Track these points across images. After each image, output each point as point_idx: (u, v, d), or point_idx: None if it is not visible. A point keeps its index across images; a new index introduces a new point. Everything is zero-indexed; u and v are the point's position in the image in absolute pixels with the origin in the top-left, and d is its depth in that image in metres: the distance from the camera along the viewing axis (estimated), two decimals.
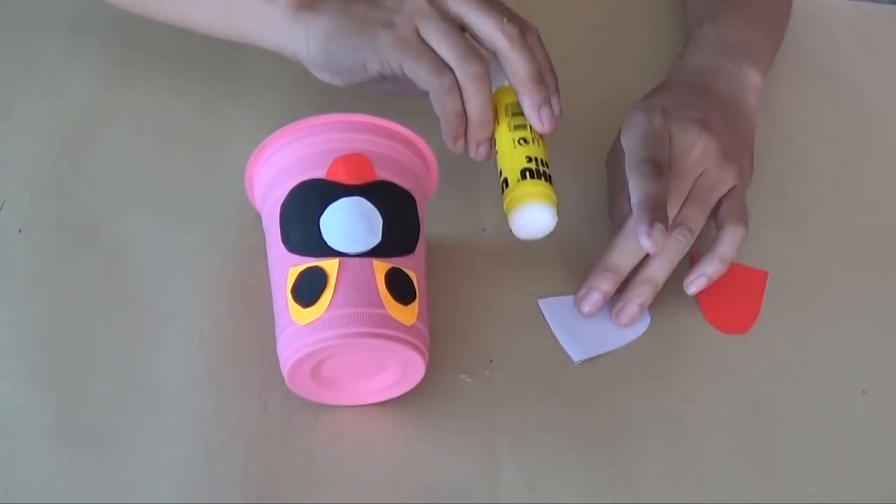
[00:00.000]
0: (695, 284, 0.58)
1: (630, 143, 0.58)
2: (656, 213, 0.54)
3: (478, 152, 0.58)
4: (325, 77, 0.59)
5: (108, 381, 0.53)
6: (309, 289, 0.49)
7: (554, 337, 0.57)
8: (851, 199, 0.68)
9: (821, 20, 0.85)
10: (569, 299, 0.58)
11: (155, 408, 0.52)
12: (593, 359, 0.56)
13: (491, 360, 0.55)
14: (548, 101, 0.57)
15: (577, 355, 0.56)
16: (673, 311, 0.59)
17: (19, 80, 0.70)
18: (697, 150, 0.58)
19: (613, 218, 0.61)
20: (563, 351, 0.56)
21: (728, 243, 0.57)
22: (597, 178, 0.64)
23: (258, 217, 0.56)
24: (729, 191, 0.59)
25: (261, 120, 0.68)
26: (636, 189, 0.55)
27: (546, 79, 0.57)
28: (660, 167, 0.56)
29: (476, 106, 0.55)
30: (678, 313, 0.59)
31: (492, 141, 0.58)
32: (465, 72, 0.54)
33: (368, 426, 0.52)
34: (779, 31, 0.75)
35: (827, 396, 0.56)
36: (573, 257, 0.61)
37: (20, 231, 0.60)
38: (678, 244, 0.57)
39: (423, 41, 0.55)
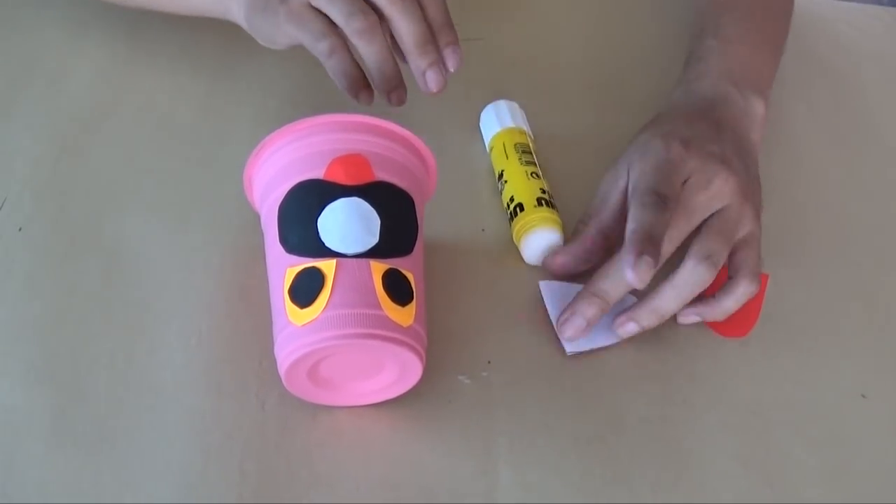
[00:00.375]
0: (688, 319, 0.57)
1: (640, 169, 0.56)
2: (647, 245, 0.51)
3: (390, 99, 0.60)
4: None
5: (107, 381, 0.53)
6: (306, 289, 0.48)
7: (553, 337, 0.57)
8: (853, 199, 0.68)
9: (824, 21, 0.85)
10: (571, 287, 0.58)
11: (153, 407, 0.52)
12: (584, 353, 0.56)
13: (489, 362, 0.55)
14: (434, 64, 0.59)
15: (569, 347, 0.56)
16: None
17: (19, 80, 0.70)
18: (715, 187, 0.56)
19: (573, 233, 0.60)
20: (562, 351, 0.56)
21: (735, 298, 0.56)
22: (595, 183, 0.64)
23: (257, 217, 0.56)
24: (745, 236, 0.57)
25: (260, 120, 0.68)
26: (634, 218, 0.53)
27: (438, 36, 0.59)
28: (665, 200, 0.54)
29: (371, 60, 0.58)
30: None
31: (404, 88, 0.60)
32: (351, 29, 0.57)
33: (366, 427, 0.52)
34: (780, 46, 0.73)
35: (826, 400, 0.55)
36: None
37: (20, 230, 0.60)
38: (699, 278, 0.54)
39: (314, 10, 0.58)
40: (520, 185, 0.61)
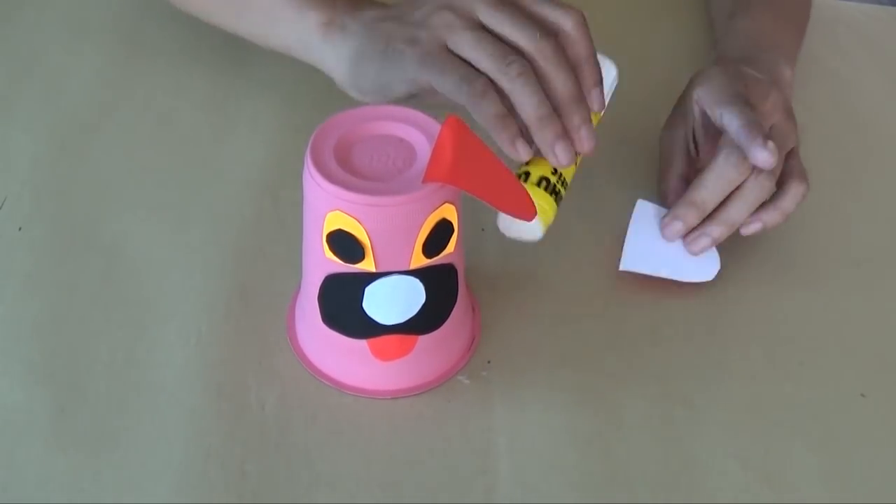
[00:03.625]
0: (750, 228, 0.59)
1: (710, 90, 0.60)
2: (762, 131, 0.55)
3: (556, 154, 0.53)
4: (357, 96, 0.58)
5: (107, 381, 0.53)
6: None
7: (553, 337, 0.57)
8: (852, 200, 0.68)
9: (823, 21, 0.85)
10: (665, 212, 0.60)
11: (153, 407, 0.52)
12: (635, 274, 0.59)
13: (489, 362, 0.55)
14: (561, 136, 0.52)
15: (626, 264, 0.59)
16: (671, 313, 0.59)
17: (19, 80, 0.70)
18: (771, 100, 0.60)
19: (662, 192, 0.63)
20: (561, 351, 0.56)
21: (792, 198, 0.59)
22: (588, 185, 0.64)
23: (256, 217, 0.56)
24: (793, 148, 0.61)
25: (260, 120, 0.68)
26: (737, 115, 0.57)
27: (573, 104, 0.53)
28: (749, 104, 0.58)
29: (529, 106, 0.51)
30: (677, 314, 0.59)
31: (568, 140, 0.53)
32: (505, 75, 0.51)
33: (365, 426, 0.52)
34: (804, 25, 0.76)
35: (826, 399, 0.55)
36: (573, 257, 0.61)
37: (20, 230, 0.60)
38: (762, 189, 0.58)
39: (451, 53, 0.53)
40: (538, 160, 0.56)
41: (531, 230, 0.55)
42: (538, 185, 0.54)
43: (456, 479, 0.50)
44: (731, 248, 0.63)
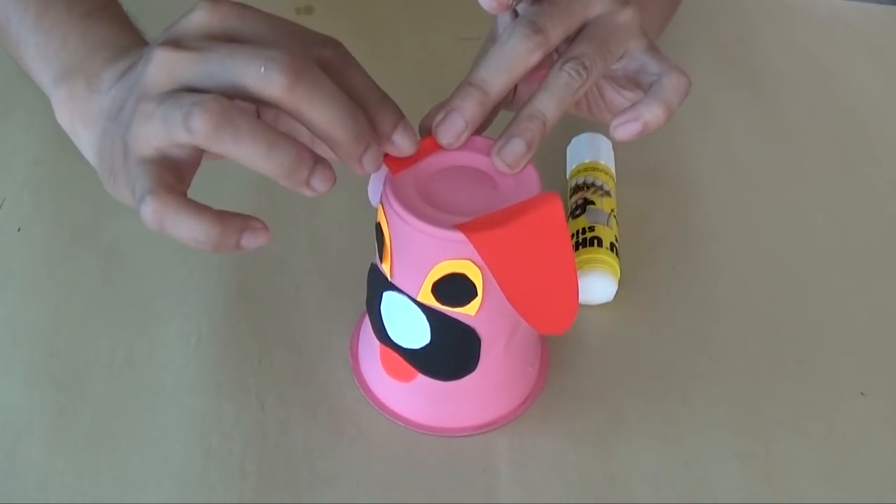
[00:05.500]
0: (626, 129, 0.48)
1: None
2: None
3: (364, 164, 0.43)
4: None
5: (106, 381, 0.53)
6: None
7: (553, 337, 0.57)
8: (851, 199, 0.68)
9: (821, 20, 0.85)
10: None
11: (153, 407, 0.52)
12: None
13: None
14: (322, 167, 0.42)
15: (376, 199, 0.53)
16: (671, 311, 0.59)
17: (19, 80, 0.70)
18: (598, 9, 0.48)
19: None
20: (561, 351, 0.56)
21: (671, 88, 0.48)
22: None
23: (256, 216, 0.56)
24: (645, 50, 0.49)
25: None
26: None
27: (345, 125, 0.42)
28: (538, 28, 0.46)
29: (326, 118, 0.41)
30: (676, 313, 0.59)
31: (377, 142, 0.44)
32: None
33: (365, 426, 0.52)
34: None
35: (826, 398, 0.55)
36: None
37: (19, 230, 0.60)
38: (570, 81, 0.46)
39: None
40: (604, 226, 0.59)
41: (605, 294, 0.58)
42: (610, 249, 0.58)
43: (456, 479, 0.50)
44: (730, 247, 0.64)
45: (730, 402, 0.55)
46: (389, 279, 0.47)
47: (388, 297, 0.48)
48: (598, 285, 0.57)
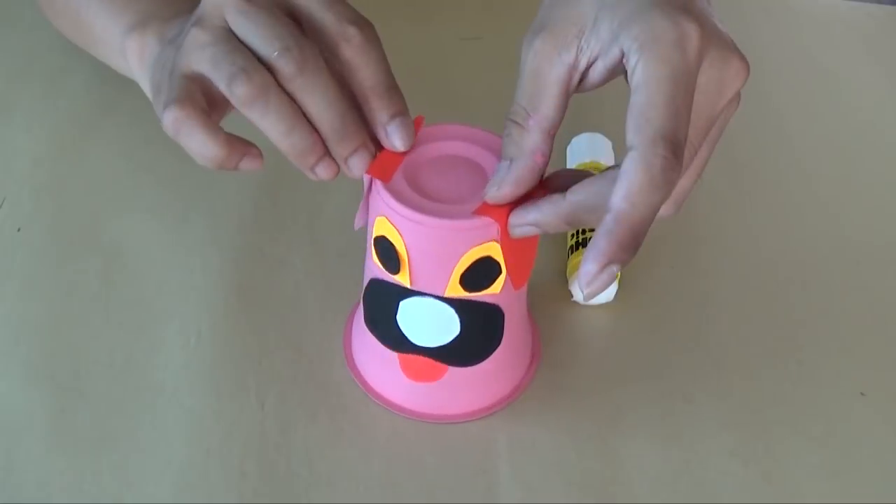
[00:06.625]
0: (598, 283, 0.40)
1: (648, 69, 0.38)
2: (627, 248, 0.38)
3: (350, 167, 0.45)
4: None
5: (106, 381, 0.53)
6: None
7: (553, 337, 0.57)
8: (851, 199, 0.68)
9: (821, 20, 0.85)
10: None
11: (152, 407, 0.52)
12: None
13: None
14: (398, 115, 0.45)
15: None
16: (671, 311, 0.59)
17: (19, 80, 0.70)
18: (731, 93, 0.41)
19: (509, 130, 0.44)
20: (561, 351, 0.56)
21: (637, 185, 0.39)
22: None
23: (256, 216, 0.56)
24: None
25: None
26: (628, 186, 0.37)
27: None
28: (680, 153, 0.37)
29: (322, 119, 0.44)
30: (676, 313, 0.59)
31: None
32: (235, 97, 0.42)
33: (365, 426, 0.52)
34: None
35: (825, 398, 0.55)
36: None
37: (19, 230, 0.60)
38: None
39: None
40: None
41: (605, 294, 0.58)
42: None
43: (456, 478, 0.50)
44: (730, 247, 0.64)
45: (730, 401, 0.55)
46: (409, 287, 0.47)
47: (407, 304, 0.48)
48: None
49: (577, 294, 0.58)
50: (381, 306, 0.49)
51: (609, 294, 0.58)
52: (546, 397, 0.54)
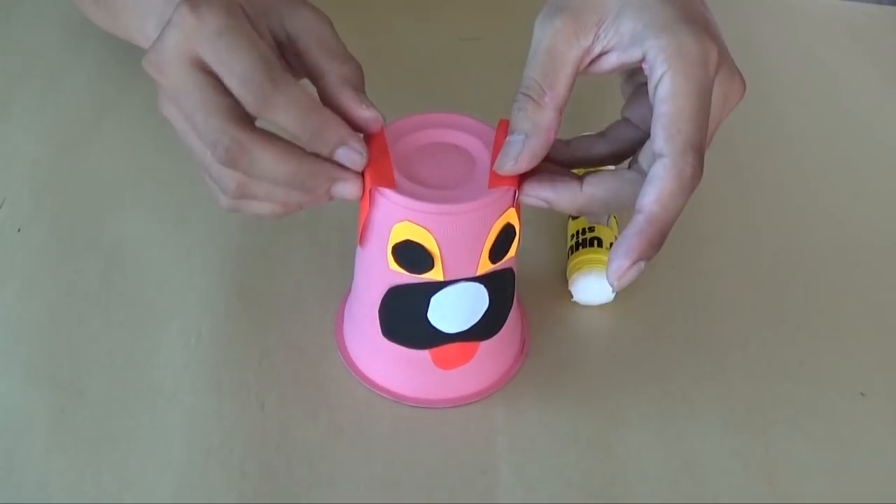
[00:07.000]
0: (628, 278, 0.43)
1: (676, 84, 0.42)
2: (655, 245, 0.42)
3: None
4: None
5: (106, 381, 0.53)
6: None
7: (553, 337, 0.57)
8: (851, 199, 0.68)
9: (821, 21, 0.85)
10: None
11: (153, 407, 0.52)
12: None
13: None
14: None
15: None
16: (671, 311, 0.59)
17: (19, 80, 0.70)
18: (731, 108, 0.46)
19: (520, 103, 0.45)
20: (561, 351, 0.56)
21: (668, 190, 0.43)
22: None
23: (256, 217, 0.56)
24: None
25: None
26: (658, 189, 0.41)
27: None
28: (703, 161, 0.42)
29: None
30: (676, 313, 0.59)
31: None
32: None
33: (365, 426, 0.52)
34: None
35: (826, 398, 0.55)
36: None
37: (19, 230, 0.60)
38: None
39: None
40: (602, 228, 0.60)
41: (606, 294, 0.58)
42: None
43: (456, 479, 0.50)
44: (730, 247, 0.64)
45: (730, 401, 0.55)
46: (443, 279, 0.48)
47: (439, 297, 0.48)
48: (598, 285, 0.57)
49: (577, 294, 0.58)
50: (407, 312, 0.49)
51: (609, 294, 0.58)
52: (546, 397, 0.54)
